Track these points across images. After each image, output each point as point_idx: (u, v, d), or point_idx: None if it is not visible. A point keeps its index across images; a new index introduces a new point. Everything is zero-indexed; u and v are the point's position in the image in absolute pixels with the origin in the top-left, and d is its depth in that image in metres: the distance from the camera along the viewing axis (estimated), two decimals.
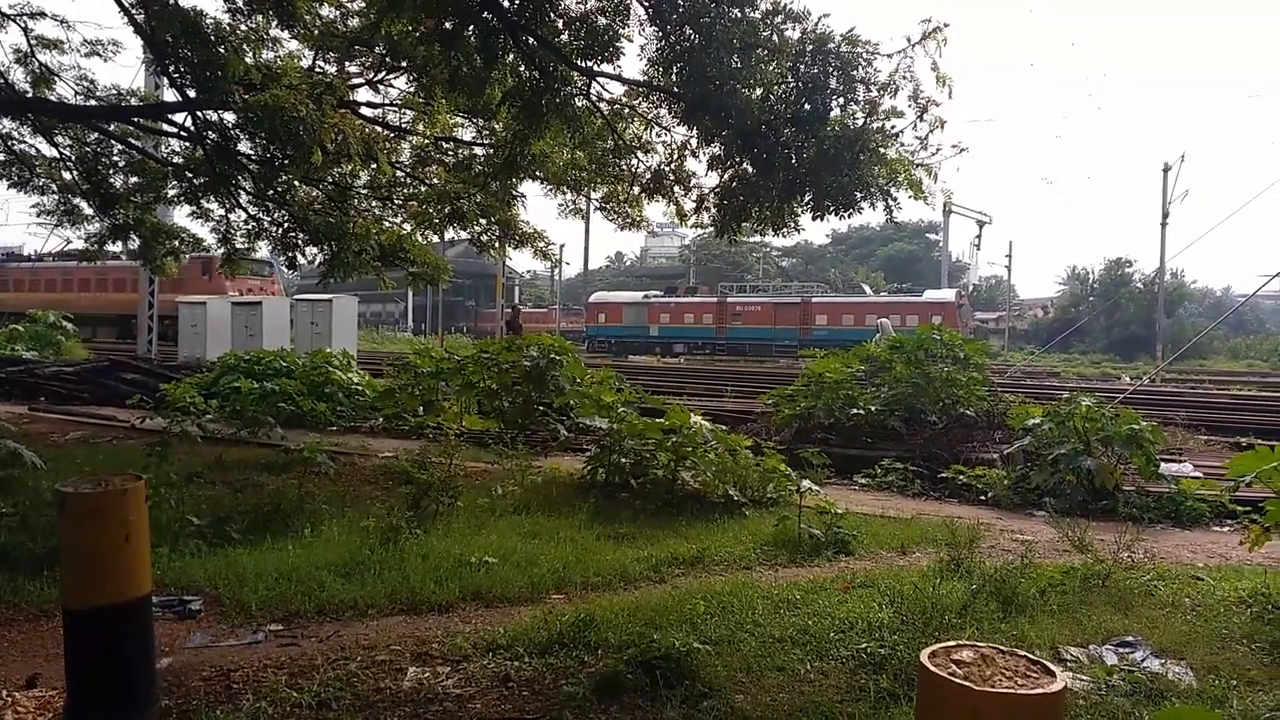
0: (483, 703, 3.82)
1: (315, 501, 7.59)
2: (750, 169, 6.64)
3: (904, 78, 5.67)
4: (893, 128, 5.92)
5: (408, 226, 13.05)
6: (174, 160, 12.55)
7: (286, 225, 12.45)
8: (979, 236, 55.61)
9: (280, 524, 6.79)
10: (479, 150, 11.36)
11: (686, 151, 8.07)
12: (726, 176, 7.00)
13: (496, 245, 12.85)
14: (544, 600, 5.26)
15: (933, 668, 1.37)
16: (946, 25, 5.39)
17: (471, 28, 6.20)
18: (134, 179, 12.68)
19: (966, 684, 1.31)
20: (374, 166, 10.94)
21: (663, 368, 30.56)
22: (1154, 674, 4.07)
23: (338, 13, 10.20)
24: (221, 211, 12.83)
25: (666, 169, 8.48)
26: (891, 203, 6.30)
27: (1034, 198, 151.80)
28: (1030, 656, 1.45)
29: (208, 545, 6.19)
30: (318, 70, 10.42)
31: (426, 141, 11.66)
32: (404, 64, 9.92)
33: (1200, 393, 21.18)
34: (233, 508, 7.27)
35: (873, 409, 10.95)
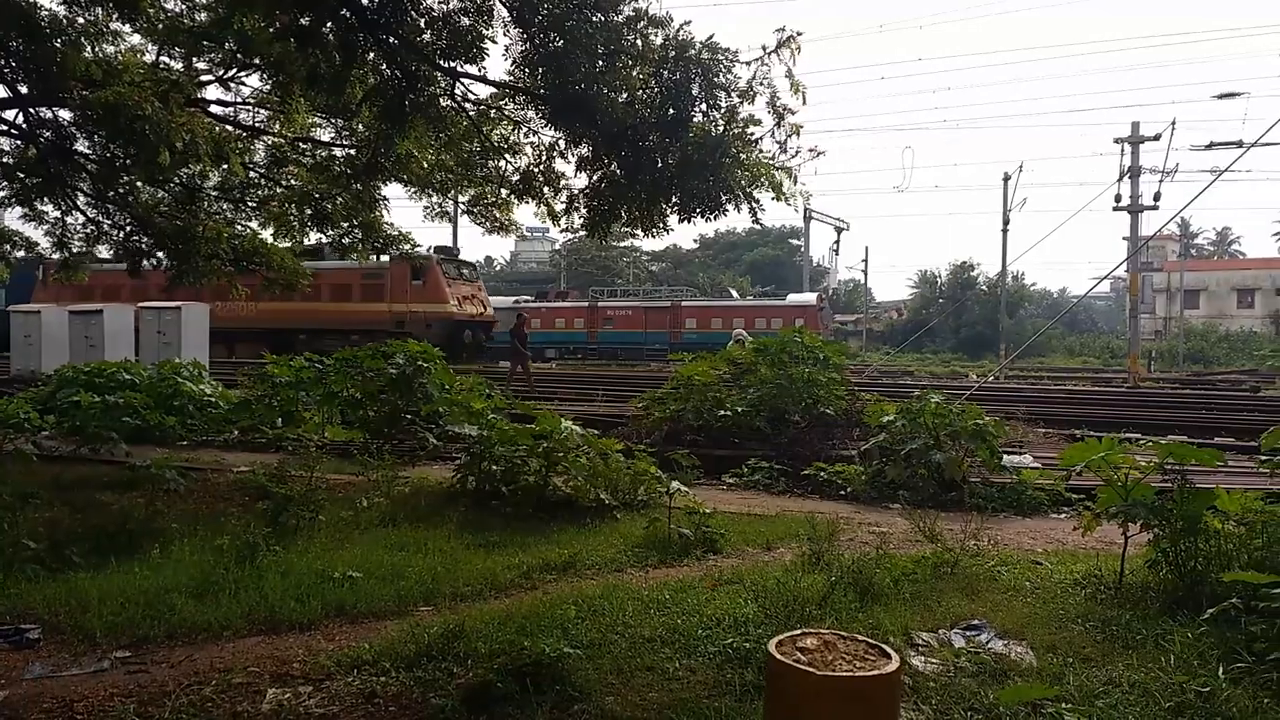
0: None
1: (164, 520, 7.20)
2: (618, 171, 6.70)
3: (762, 84, 5.86)
4: (752, 134, 6.09)
5: (266, 230, 12.57)
6: (3, 160, 11.67)
7: (129, 228, 11.75)
8: (838, 242, 57.68)
9: (126, 545, 6.42)
10: (339, 151, 11.03)
11: (555, 153, 8.07)
12: (596, 178, 7.04)
13: (359, 249, 12.48)
14: (411, 613, 5.15)
15: (779, 655, 1.43)
16: (800, 34, 5.60)
17: (329, 24, 6.02)
18: None
19: (809, 669, 1.37)
20: (225, 167, 10.49)
21: (534, 373, 30.33)
22: (998, 655, 4.32)
23: (184, 6, 9.72)
24: (57, 214, 12.02)
25: (535, 170, 8.45)
26: (754, 204, 6.47)
27: (888, 205, 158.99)
28: (869, 640, 1.53)
29: (46, 570, 5.78)
30: (163, 66, 9.92)
31: (283, 141, 11.23)
32: (257, 61, 9.54)
33: (1040, 388, 22.63)
34: (73, 529, 6.84)
35: (739, 410, 11.20)
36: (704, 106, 6.01)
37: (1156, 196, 28.89)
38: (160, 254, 11.66)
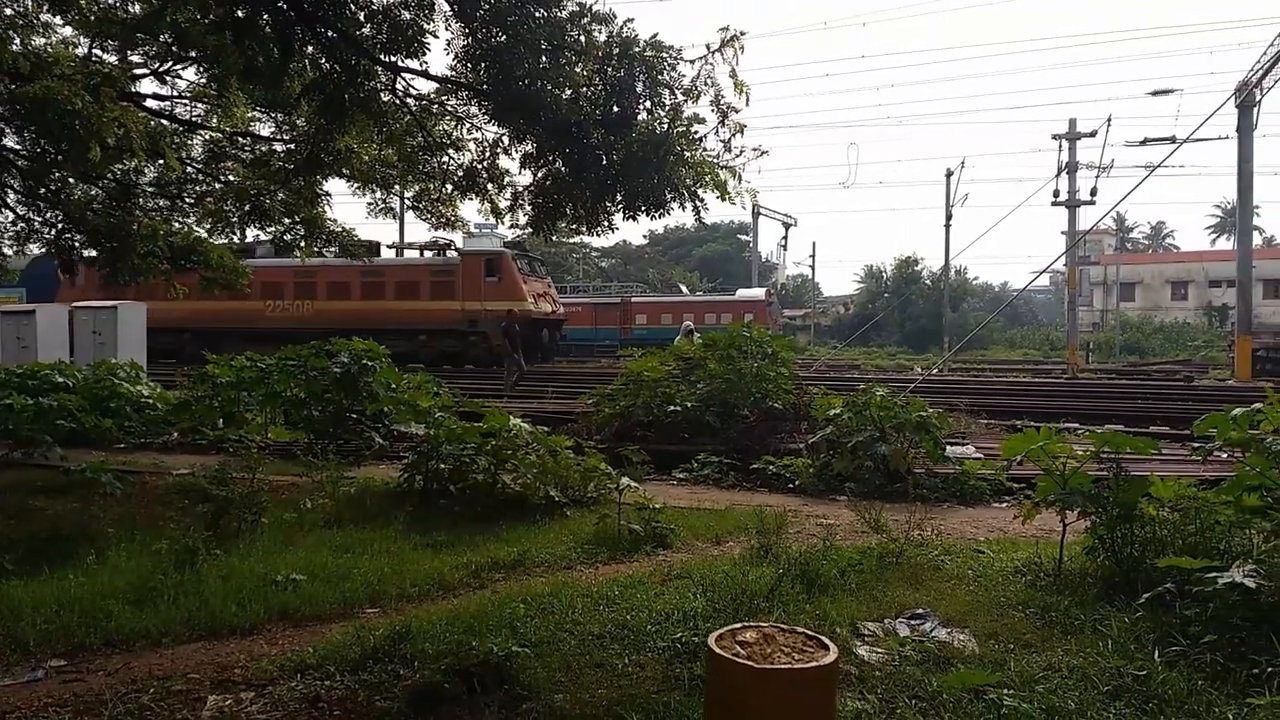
0: None
1: (101, 525, 7.04)
2: (563, 168, 6.67)
3: (706, 83, 5.86)
4: (696, 132, 6.10)
5: (203, 227, 12.29)
6: None
7: (61, 226, 11.42)
8: (785, 238, 58.20)
9: (60, 551, 6.26)
10: (279, 146, 10.82)
11: (499, 149, 8.00)
12: (540, 175, 7.00)
13: (302, 245, 12.26)
14: (357, 615, 5.09)
15: (719, 650, 1.43)
16: (743, 33, 5.62)
17: (266, 17, 5.90)
18: None
19: (748, 663, 1.38)
20: (161, 163, 10.23)
21: (482, 371, 30.14)
22: (942, 643, 4.39)
23: None
24: None
25: (479, 166, 8.37)
26: (699, 203, 6.48)
27: (834, 201, 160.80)
28: (808, 633, 1.54)
29: None
30: (95, 59, 9.65)
31: (221, 136, 10.99)
32: (193, 54, 9.32)
33: (982, 380, 23.08)
34: (5, 536, 6.67)
35: (689, 405, 11.25)
36: (648, 104, 6.00)
37: (1093, 191, 29.73)
38: (93, 252, 11.35)
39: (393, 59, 6.55)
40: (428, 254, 28.21)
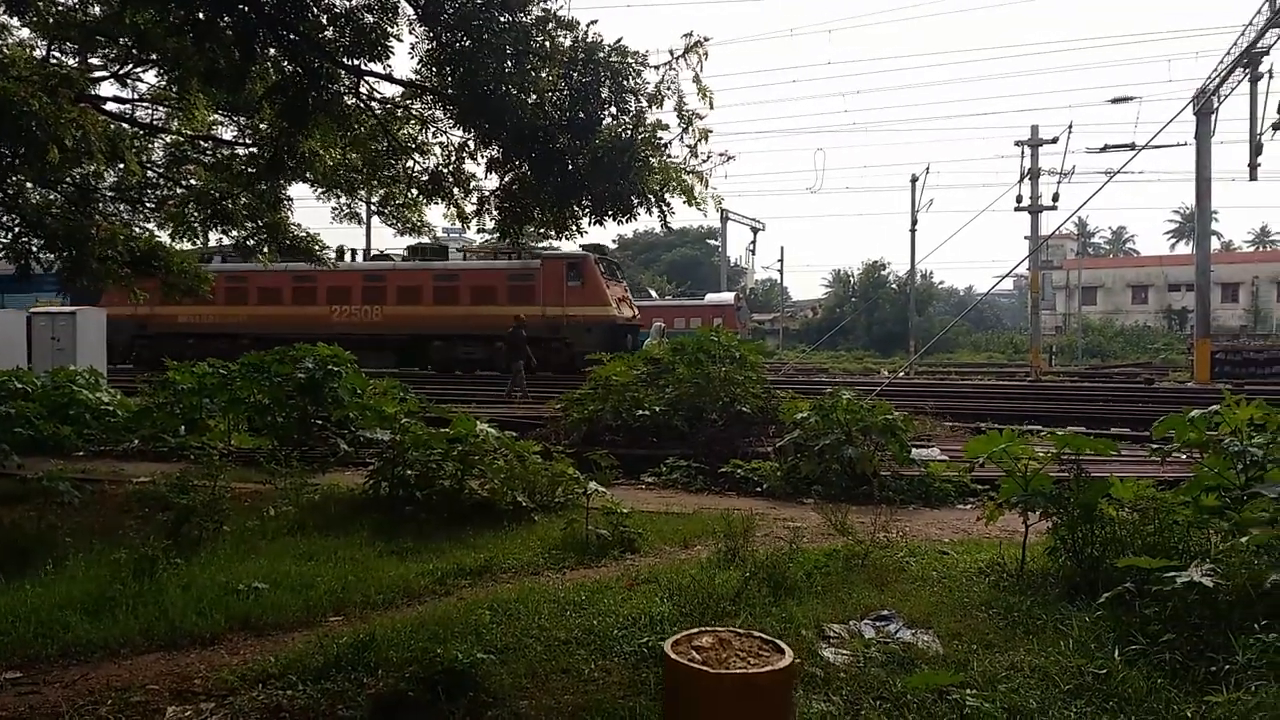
0: None
1: (58, 535, 6.89)
2: (529, 172, 6.66)
3: (669, 89, 5.88)
4: (661, 138, 6.12)
5: (165, 231, 12.12)
6: None
7: (18, 229, 11.21)
8: (754, 242, 58.31)
9: (16, 561, 6.14)
10: (241, 150, 10.70)
11: (465, 154, 7.97)
12: (507, 179, 6.99)
13: (265, 250, 12.12)
14: (321, 624, 5.03)
15: (674, 655, 1.43)
16: (707, 39, 5.65)
17: (226, 19, 5.83)
18: None
19: (703, 668, 1.38)
20: (121, 166, 10.08)
21: (451, 376, 29.94)
22: (906, 644, 4.42)
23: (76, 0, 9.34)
24: None
25: (445, 170, 8.33)
26: (665, 208, 6.50)
27: (802, 206, 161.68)
28: (764, 637, 1.54)
29: None
30: (54, 61, 9.51)
31: (182, 140, 10.85)
32: (154, 56, 9.20)
33: (948, 383, 23.34)
34: None
35: (658, 410, 11.25)
36: (613, 109, 6.01)
37: (1055, 197, 30.13)
38: (50, 255, 11.15)
39: (356, 62, 6.51)
40: (499, 257, 27.30)
